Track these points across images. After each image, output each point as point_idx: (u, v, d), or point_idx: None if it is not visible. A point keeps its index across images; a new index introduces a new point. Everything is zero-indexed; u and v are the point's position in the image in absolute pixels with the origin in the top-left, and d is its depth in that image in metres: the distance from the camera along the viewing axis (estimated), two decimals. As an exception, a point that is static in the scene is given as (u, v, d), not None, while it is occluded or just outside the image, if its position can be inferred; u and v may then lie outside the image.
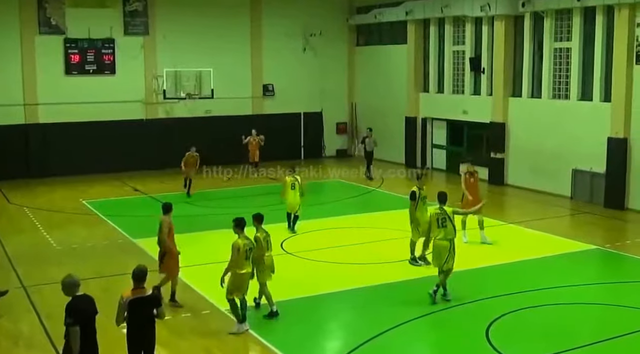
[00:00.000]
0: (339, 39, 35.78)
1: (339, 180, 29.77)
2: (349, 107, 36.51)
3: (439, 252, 14.12)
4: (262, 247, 13.18)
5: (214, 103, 31.46)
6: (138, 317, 9.63)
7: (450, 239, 14.10)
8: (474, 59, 29.00)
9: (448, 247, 14.03)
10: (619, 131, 23.04)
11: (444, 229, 14.07)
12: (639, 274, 16.37)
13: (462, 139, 30.62)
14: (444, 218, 14.12)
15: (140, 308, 9.61)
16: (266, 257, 13.32)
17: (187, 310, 13.89)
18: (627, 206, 23.01)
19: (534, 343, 12.21)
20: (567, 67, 25.29)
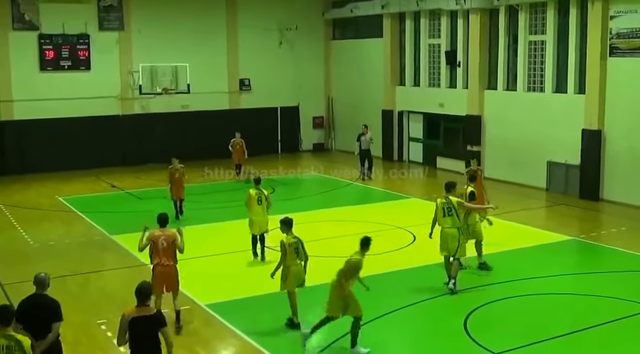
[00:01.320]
0: (315, 33, 35.79)
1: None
2: (326, 101, 36.55)
3: (446, 239, 14.44)
4: (286, 254, 12.43)
5: (190, 98, 31.42)
6: (140, 337, 8.90)
7: (458, 228, 14.46)
8: (449, 52, 29.15)
9: (457, 236, 14.39)
10: (593, 123, 23.28)
11: (450, 218, 14.42)
12: (614, 264, 16.58)
13: (438, 132, 30.79)
14: (449, 207, 14.45)
15: (143, 327, 8.87)
16: (292, 266, 12.47)
17: (167, 306, 13.84)
18: (602, 196, 23.28)
19: (511, 333, 12.35)
20: (542, 60, 25.50)
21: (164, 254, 12.45)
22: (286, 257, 12.40)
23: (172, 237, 12.44)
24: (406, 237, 18.82)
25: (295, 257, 12.47)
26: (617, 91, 22.72)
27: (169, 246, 12.46)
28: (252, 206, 16.71)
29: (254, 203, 16.69)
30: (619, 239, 18.84)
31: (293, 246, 12.45)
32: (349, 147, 35.00)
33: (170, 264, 12.54)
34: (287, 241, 12.47)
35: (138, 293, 9.05)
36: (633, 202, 22.28)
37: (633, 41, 22.15)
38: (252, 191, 16.81)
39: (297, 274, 12.52)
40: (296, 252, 12.47)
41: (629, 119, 22.46)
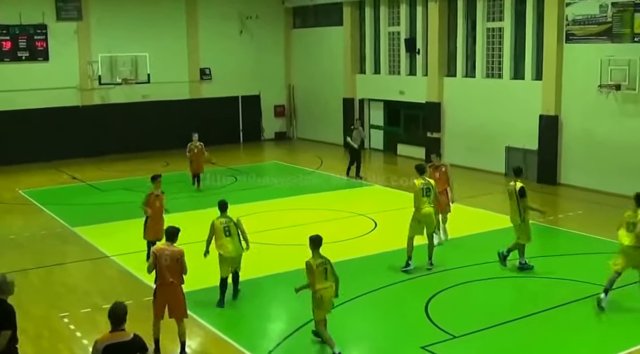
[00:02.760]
0: (275, 22, 35.75)
1: (278, 162, 29.90)
2: (287, 90, 36.57)
3: (424, 219, 14.84)
4: (313, 276, 10.92)
5: (150, 88, 31.24)
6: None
7: (433, 206, 15.04)
8: (409, 40, 29.35)
9: (433, 213, 14.98)
10: (550, 109, 23.67)
11: (428, 198, 14.84)
12: (571, 247, 16.94)
13: (399, 120, 31.01)
14: (428, 188, 14.91)
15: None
16: (321, 290, 10.93)
17: (129, 297, 13.84)
18: (559, 181, 23.71)
19: (471, 316, 12.57)
20: (499, 47, 25.82)
21: (168, 271, 11.10)
22: (314, 280, 10.95)
23: (178, 254, 11.16)
24: (368, 224, 19.00)
25: (324, 280, 11.00)
26: (573, 76, 23.11)
27: (173, 263, 11.12)
28: (220, 238, 13.37)
29: (221, 235, 13.37)
30: (576, 222, 19.24)
31: (321, 267, 11.00)
32: (310, 136, 35.22)
33: (174, 283, 11.14)
34: (314, 262, 11.01)
35: (110, 316, 7.96)
36: (589, 185, 22.72)
37: (588, 28, 22.52)
38: (218, 221, 13.48)
39: (327, 301, 11.06)
40: (325, 274, 11.02)
41: (585, 104, 22.87)
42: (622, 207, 20.55)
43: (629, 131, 21.76)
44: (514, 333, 12.01)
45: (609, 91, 21.78)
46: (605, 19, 22.03)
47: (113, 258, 16.47)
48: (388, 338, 11.87)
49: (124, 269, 15.72)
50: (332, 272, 11.12)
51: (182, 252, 11.22)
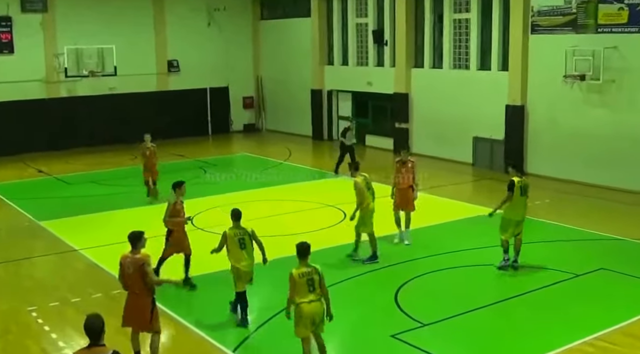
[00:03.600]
0: (243, 13, 35.66)
1: (247, 154, 29.88)
2: (255, 82, 36.51)
3: (368, 217, 14.92)
4: (295, 289, 9.72)
5: (117, 80, 31.01)
6: None
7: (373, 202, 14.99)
8: (376, 31, 29.45)
9: (373, 211, 14.96)
10: (516, 99, 23.92)
11: (370, 193, 14.90)
12: (537, 235, 17.12)
13: (367, 111, 31.11)
14: (368, 182, 15.00)
15: None
16: (303, 304, 9.70)
17: (98, 290, 13.82)
18: (526, 170, 23.96)
19: (440, 305, 12.71)
20: (466, 38, 26.01)
21: (130, 280, 10.25)
22: (292, 292, 9.76)
23: (140, 261, 10.13)
24: (337, 215, 19.08)
25: (308, 292, 9.72)
26: (539, 67, 23.38)
27: (136, 271, 10.13)
28: (233, 250, 12.06)
29: (235, 247, 12.04)
30: (542, 210, 19.47)
31: (305, 278, 9.75)
32: (279, 127, 35.23)
33: (137, 293, 10.27)
34: (297, 272, 9.74)
35: (86, 330, 7.27)
36: (555, 174, 23.03)
37: (553, 19, 22.78)
38: (231, 231, 12.16)
39: (309, 315, 9.73)
40: (309, 286, 9.76)
41: (550, 94, 23.15)
42: (586, 195, 21.05)
43: (593, 121, 22.07)
44: (482, 320, 12.18)
45: (574, 81, 22.06)
46: (569, 10, 22.30)
47: (81, 252, 16.37)
48: (358, 328, 11.96)
49: (92, 263, 15.64)
50: (320, 284, 9.81)
51: (144, 260, 10.13)
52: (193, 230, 17.42)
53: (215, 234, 17.42)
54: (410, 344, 11.09)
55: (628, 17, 20.89)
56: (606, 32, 21.44)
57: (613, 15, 21.23)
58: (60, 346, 11.47)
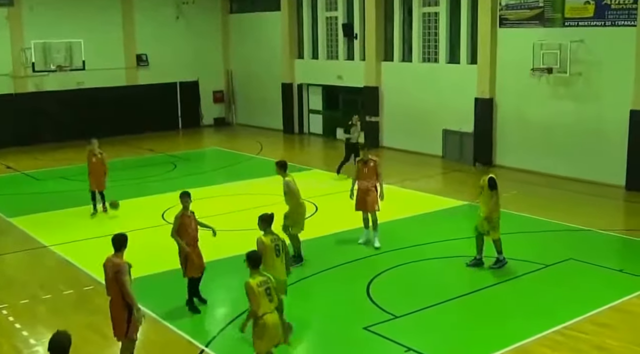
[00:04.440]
0: (211, 7, 35.53)
1: (218, 148, 29.83)
2: (225, 76, 36.41)
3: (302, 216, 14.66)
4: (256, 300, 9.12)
5: (86, 75, 30.73)
6: None
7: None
8: (346, 25, 29.50)
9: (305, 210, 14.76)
10: (485, 92, 24.13)
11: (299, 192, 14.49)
12: (506, 227, 17.25)
13: (337, 104, 31.18)
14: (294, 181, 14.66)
15: None
16: (267, 315, 9.18)
17: (69, 287, 13.76)
18: (495, 162, 24.22)
19: (411, 297, 12.82)
20: (435, 32, 26.16)
21: (108, 285, 9.90)
22: (255, 304, 9.18)
23: (117, 267, 9.69)
24: (309, 208, 19.08)
25: (269, 302, 9.26)
26: (507, 60, 23.59)
27: (112, 277, 9.73)
28: (269, 258, 10.73)
29: (272, 255, 10.86)
30: (510, 202, 19.61)
31: (263, 287, 9.26)
32: (250, 121, 35.19)
33: (113, 300, 9.85)
34: (254, 282, 9.27)
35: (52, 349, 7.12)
36: (523, 166, 23.29)
37: (521, 12, 22.99)
38: (266, 238, 10.94)
39: (274, 327, 9.32)
40: (268, 295, 9.29)
41: (518, 87, 23.38)
42: (554, 186, 21.31)
43: (560, 113, 22.34)
44: (453, 312, 12.31)
45: (541, 74, 22.30)
46: (537, 4, 22.53)
47: (52, 248, 16.26)
48: (331, 320, 12.03)
49: (63, 259, 15.54)
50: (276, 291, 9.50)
51: (119, 267, 9.67)
52: (163, 225, 17.45)
53: (186, 229, 17.44)
54: (383, 336, 11.19)
55: (594, 11, 21.15)
56: (573, 25, 21.70)
57: (579, 9, 21.49)
58: (31, 344, 11.42)
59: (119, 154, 27.67)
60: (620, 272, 13.91)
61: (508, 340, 10.91)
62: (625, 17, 20.44)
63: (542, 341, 10.90)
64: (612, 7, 20.72)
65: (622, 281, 13.51)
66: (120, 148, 29.07)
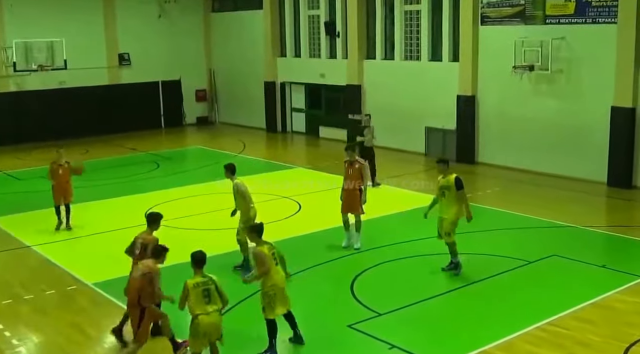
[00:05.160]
0: (194, 6, 35.43)
1: (201, 147, 29.75)
2: (208, 74, 36.32)
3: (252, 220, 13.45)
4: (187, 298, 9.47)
5: (68, 74, 30.53)
6: None
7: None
8: (328, 23, 29.51)
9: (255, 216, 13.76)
10: (467, 89, 24.21)
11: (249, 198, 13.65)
12: (488, 224, 17.39)
13: (320, 102, 31.19)
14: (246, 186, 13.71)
15: None
16: (201, 316, 9.40)
17: (51, 287, 13.68)
18: (477, 159, 24.33)
19: (395, 294, 12.85)
20: (417, 30, 26.22)
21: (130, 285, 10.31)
22: (190, 304, 9.44)
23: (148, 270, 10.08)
24: (292, 207, 19.14)
25: (205, 304, 9.42)
26: (489, 58, 23.68)
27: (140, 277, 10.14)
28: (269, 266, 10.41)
29: (271, 262, 10.48)
30: (493, 199, 19.81)
31: (200, 287, 9.43)
32: (232, 120, 35.15)
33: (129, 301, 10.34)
34: (192, 282, 9.48)
35: None
36: (505, 163, 23.40)
37: (502, 10, 23.09)
38: (263, 248, 10.54)
39: (209, 326, 9.43)
40: (205, 297, 9.45)
41: (500, 84, 23.47)
42: (536, 183, 21.43)
43: (542, 111, 22.46)
44: (437, 309, 12.36)
45: (523, 72, 22.40)
46: (518, 2, 22.63)
47: (34, 248, 16.15)
48: (314, 319, 12.01)
49: (45, 259, 15.44)
50: (218, 294, 9.54)
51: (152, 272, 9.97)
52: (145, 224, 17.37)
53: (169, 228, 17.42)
54: (367, 333, 11.21)
55: (575, 9, 21.28)
56: (554, 23, 21.82)
57: (560, 6, 21.61)
58: (14, 344, 11.33)
59: (101, 154, 27.56)
60: (602, 268, 14.01)
61: (491, 336, 10.95)
62: (606, 15, 20.58)
63: (525, 337, 10.96)
64: (592, 4, 20.85)
65: (605, 277, 13.61)
66: (103, 147, 28.94)
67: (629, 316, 11.74)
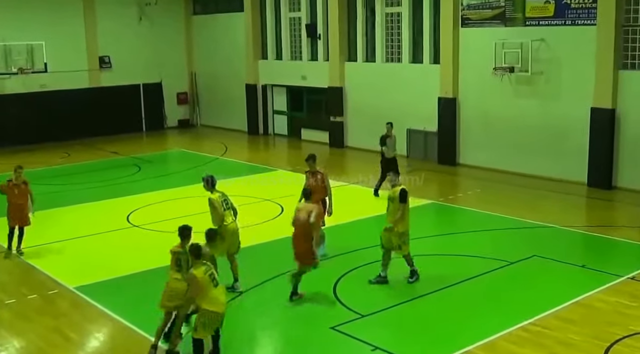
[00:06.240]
0: (175, 8, 35.34)
1: (182, 150, 29.67)
2: (189, 77, 36.23)
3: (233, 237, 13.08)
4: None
5: (48, 77, 30.38)
6: None
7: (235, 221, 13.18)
8: (310, 25, 29.54)
9: (238, 230, 13.24)
10: (448, 91, 24.31)
11: (230, 212, 13.10)
12: (470, 225, 17.49)
13: (302, 105, 31.20)
14: (225, 200, 13.17)
15: None
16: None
17: (33, 291, 13.60)
18: (459, 161, 24.43)
19: (377, 295, 12.89)
20: (398, 32, 26.29)
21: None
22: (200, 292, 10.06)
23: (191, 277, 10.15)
24: (274, 209, 19.14)
25: (213, 287, 10.09)
26: (469, 60, 23.80)
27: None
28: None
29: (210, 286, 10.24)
30: (474, 200, 19.89)
31: (207, 274, 10.11)
32: (214, 123, 35.10)
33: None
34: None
35: None
36: (487, 165, 23.51)
37: (482, 12, 23.21)
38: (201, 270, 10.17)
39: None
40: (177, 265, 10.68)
41: (481, 86, 23.59)
42: (517, 184, 21.55)
43: (522, 112, 22.59)
44: (419, 310, 12.38)
45: (503, 73, 22.52)
46: (498, 4, 22.76)
47: (14, 252, 16.03)
48: (298, 321, 12.02)
49: (25, 263, 15.34)
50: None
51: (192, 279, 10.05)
52: (129, 227, 17.36)
53: (151, 231, 17.37)
54: (350, 335, 11.22)
55: (554, 10, 21.43)
56: (534, 25, 21.96)
57: (540, 8, 21.76)
58: (-5, 349, 11.27)
59: (83, 157, 27.42)
60: (582, 268, 14.11)
61: (474, 337, 11.00)
62: (585, 17, 20.75)
63: (507, 337, 11.01)
64: (572, 6, 21.01)
65: (585, 276, 13.71)
66: (84, 151, 28.79)
67: (610, 315, 11.83)
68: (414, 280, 13.53)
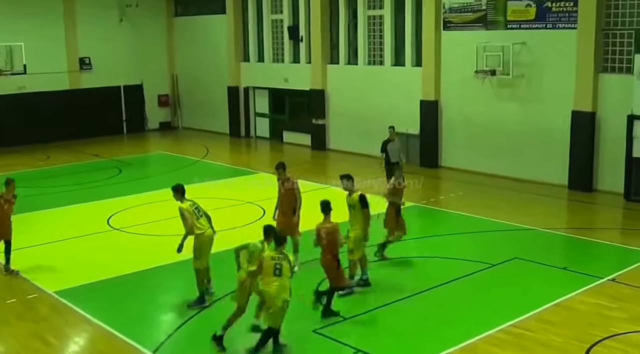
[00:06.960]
0: (156, 10, 35.19)
1: (163, 152, 29.54)
2: (171, 79, 36.08)
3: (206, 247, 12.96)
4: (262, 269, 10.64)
5: (27, 79, 30.07)
6: None
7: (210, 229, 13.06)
8: (292, 27, 29.51)
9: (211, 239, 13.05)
10: (430, 94, 24.38)
11: (204, 220, 12.99)
12: (452, 227, 17.53)
13: (284, 107, 31.16)
14: (197, 208, 13.03)
15: None
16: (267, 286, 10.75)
17: (12, 296, 13.47)
18: (441, 164, 24.49)
19: (359, 298, 12.89)
20: (380, 35, 26.33)
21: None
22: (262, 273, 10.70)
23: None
24: (256, 212, 19.08)
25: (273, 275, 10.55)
26: (451, 63, 23.87)
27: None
28: (266, 277, 10.53)
29: (269, 273, 10.51)
30: (456, 202, 19.95)
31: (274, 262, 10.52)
32: (195, 125, 34.97)
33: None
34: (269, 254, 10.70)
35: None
36: (468, 167, 23.59)
37: (464, 15, 23.29)
38: (268, 254, 10.65)
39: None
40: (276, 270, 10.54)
41: (463, 89, 23.66)
42: (498, 187, 21.63)
43: (503, 115, 22.68)
44: (400, 312, 12.37)
45: (485, 76, 22.59)
46: (480, 7, 22.85)
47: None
48: (279, 323, 11.99)
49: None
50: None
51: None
52: (109, 231, 17.26)
53: (132, 234, 17.28)
54: (332, 338, 11.21)
55: (535, 14, 21.54)
56: (515, 28, 22.06)
57: (521, 11, 21.86)
58: (-27, 354, 11.15)
59: (62, 160, 27.22)
60: (563, 270, 14.17)
61: (455, 339, 11.01)
62: (566, 20, 20.87)
63: (488, 340, 11.04)
64: (553, 10, 21.13)
65: (566, 278, 13.77)
66: (64, 153, 28.58)
67: (590, 317, 11.89)
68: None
